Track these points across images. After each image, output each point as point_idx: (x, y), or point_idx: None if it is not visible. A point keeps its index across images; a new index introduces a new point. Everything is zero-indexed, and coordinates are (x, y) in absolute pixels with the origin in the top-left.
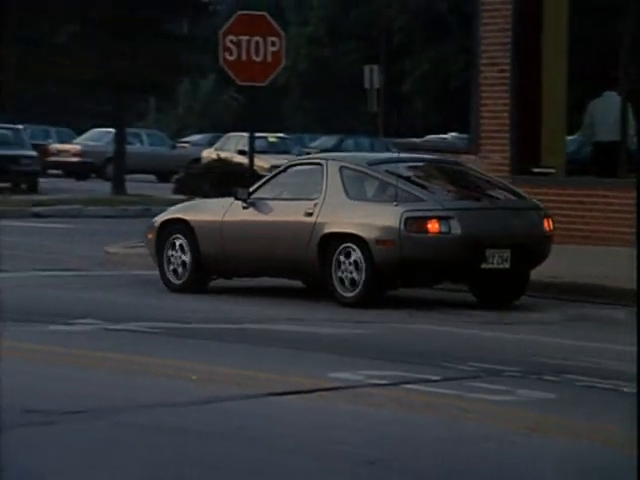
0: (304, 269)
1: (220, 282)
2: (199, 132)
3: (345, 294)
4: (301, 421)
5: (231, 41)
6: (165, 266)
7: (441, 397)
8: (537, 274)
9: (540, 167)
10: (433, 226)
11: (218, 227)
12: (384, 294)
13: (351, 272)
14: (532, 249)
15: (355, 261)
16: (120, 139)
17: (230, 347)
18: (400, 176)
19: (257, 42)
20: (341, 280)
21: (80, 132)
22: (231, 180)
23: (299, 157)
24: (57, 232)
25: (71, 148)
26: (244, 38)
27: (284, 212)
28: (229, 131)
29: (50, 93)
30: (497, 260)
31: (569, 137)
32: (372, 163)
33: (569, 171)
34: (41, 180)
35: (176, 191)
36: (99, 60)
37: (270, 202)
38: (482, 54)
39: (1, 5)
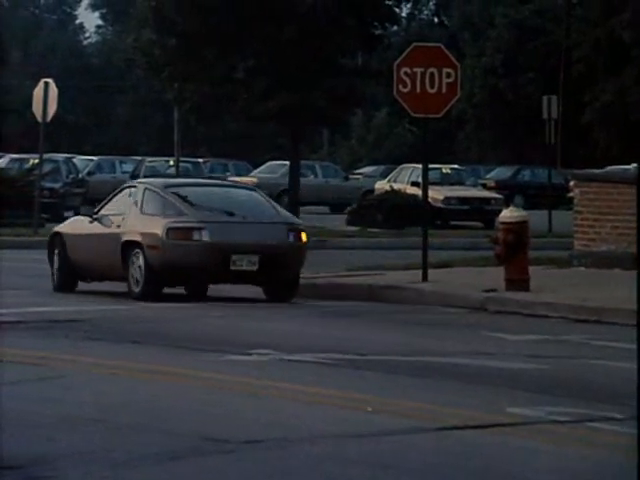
0: (118, 272)
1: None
2: (372, 164)
3: (135, 290)
4: (477, 455)
5: (405, 73)
6: (52, 270)
7: (628, 437)
8: None
9: None
10: (187, 235)
11: (75, 239)
12: (161, 290)
13: (137, 272)
14: (278, 256)
15: (140, 264)
16: (294, 171)
17: (404, 379)
18: (181, 196)
19: (432, 74)
20: (132, 278)
21: (256, 165)
22: (404, 211)
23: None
24: None
25: (248, 181)
26: (419, 70)
27: (107, 225)
28: (402, 163)
29: (229, 127)
30: (246, 263)
31: None
32: (167, 186)
33: None
34: None
35: (349, 222)
36: (275, 94)
37: (104, 217)
38: None
39: None
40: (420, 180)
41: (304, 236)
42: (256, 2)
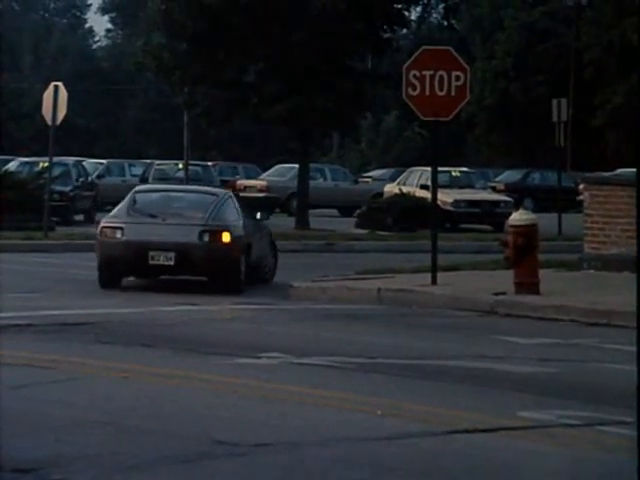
0: None
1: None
2: (381, 167)
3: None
4: (487, 459)
5: (414, 76)
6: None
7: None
8: None
9: None
10: (112, 233)
11: None
12: (110, 280)
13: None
14: (190, 254)
15: None
16: (304, 174)
17: (413, 383)
18: (133, 200)
19: (441, 76)
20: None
21: (265, 168)
22: (413, 214)
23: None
24: None
25: (257, 184)
26: (428, 73)
27: None
28: (411, 166)
29: (238, 131)
30: (163, 259)
31: None
32: (137, 191)
33: None
34: None
35: (358, 225)
36: (284, 97)
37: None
38: None
39: None
40: (429, 183)
41: (224, 237)
42: (265, 5)
